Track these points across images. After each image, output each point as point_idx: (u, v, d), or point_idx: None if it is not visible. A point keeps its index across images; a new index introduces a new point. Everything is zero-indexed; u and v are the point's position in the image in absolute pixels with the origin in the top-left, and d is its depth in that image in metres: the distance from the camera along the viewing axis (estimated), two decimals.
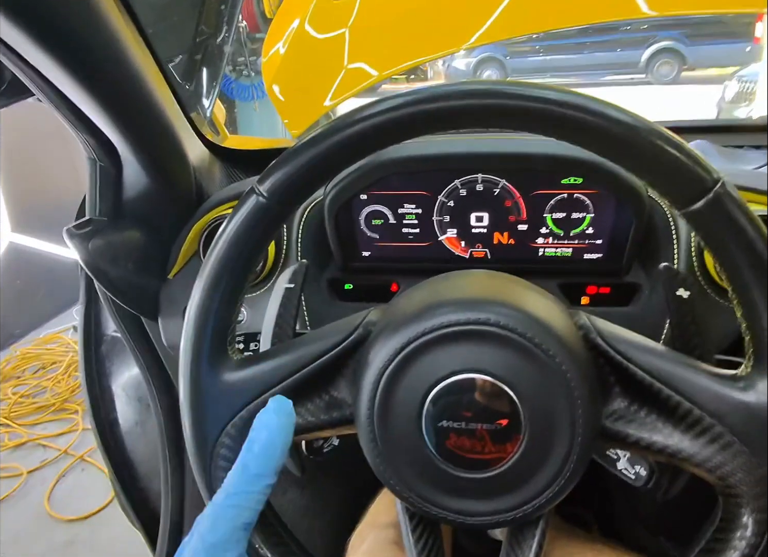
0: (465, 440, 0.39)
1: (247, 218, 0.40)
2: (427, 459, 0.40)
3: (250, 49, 3.89)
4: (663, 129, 0.36)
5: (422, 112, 0.37)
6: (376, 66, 1.04)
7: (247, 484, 0.37)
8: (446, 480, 0.40)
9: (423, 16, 1.02)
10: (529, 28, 1.04)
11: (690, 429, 0.38)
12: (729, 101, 4.95)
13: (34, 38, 0.46)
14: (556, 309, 0.42)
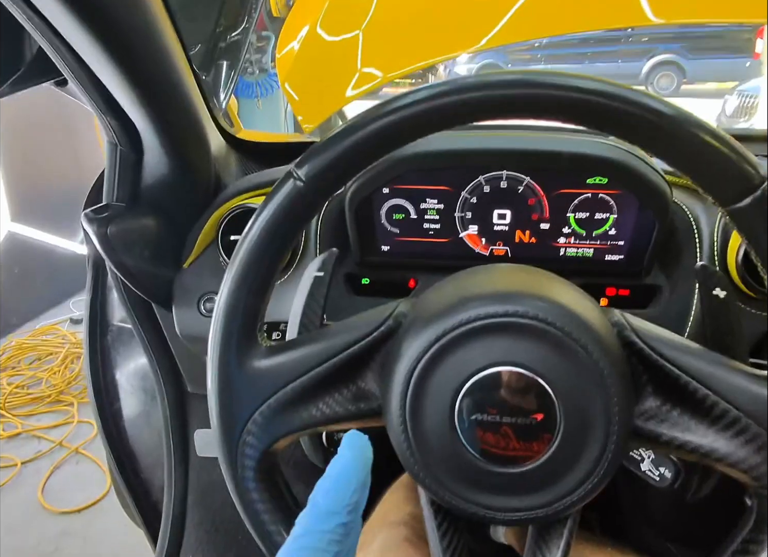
0: (497, 435, 0.39)
1: (284, 202, 0.40)
2: (459, 452, 0.39)
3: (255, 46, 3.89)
4: (709, 123, 0.35)
5: (465, 100, 0.37)
6: (386, 68, 1.04)
7: (318, 523, 0.33)
8: (479, 475, 0.39)
9: (435, 18, 1.02)
10: (538, 33, 1.04)
11: (726, 429, 0.38)
12: (729, 116, 4.99)
13: (74, 14, 0.46)
14: (591, 305, 0.42)
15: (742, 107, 4.82)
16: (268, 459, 0.43)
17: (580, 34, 8.25)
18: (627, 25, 0.96)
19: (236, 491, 0.43)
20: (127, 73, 0.54)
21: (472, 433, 0.39)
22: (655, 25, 0.88)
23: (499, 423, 0.38)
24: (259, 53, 3.93)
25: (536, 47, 9.13)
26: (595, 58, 8.98)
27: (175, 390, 0.93)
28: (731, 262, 0.63)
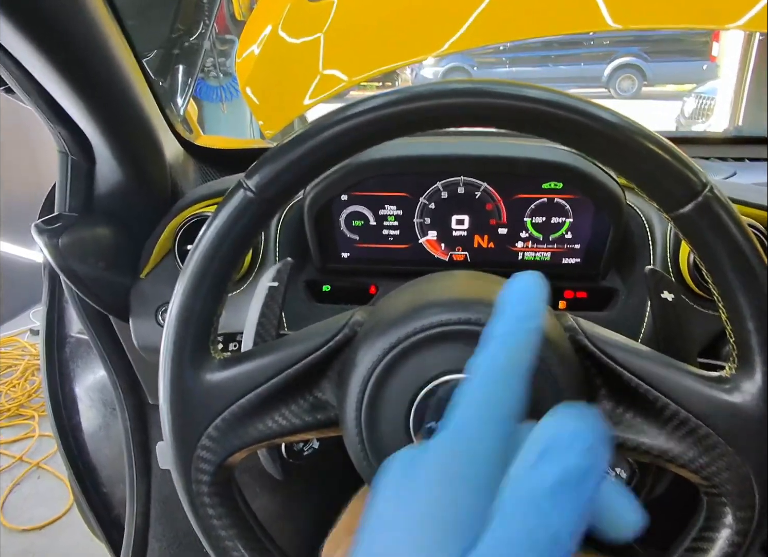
0: None
1: (234, 213, 0.39)
2: None
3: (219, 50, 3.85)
4: (652, 131, 0.36)
5: (416, 109, 0.37)
6: (350, 71, 1.04)
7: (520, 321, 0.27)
8: None
9: (397, 22, 1.02)
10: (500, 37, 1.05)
11: (676, 430, 0.39)
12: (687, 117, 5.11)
13: (13, 23, 0.45)
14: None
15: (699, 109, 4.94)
16: (223, 473, 0.42)
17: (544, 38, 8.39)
18: (586, 31, 0.98)
19: (191, 506, 0.42)
20: (72, 82, 0.52)
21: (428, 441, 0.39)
22: (614, 30, 0.90)
23: None
24: (223, 57, 3.90)
25: (501, 51, 9.25)
26: (559, 61, 9.14)
27: (135, 402, 0.91)
28: (683, 263, 0.64)
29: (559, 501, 0.22)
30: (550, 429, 0.24)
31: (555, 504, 0.22)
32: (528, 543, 0.22)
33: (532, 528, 0.22)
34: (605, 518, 0.26)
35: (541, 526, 0.22)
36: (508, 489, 0.23)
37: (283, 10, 1.09)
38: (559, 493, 0.22)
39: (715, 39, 5.43)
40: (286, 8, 1.09)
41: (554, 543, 0.22)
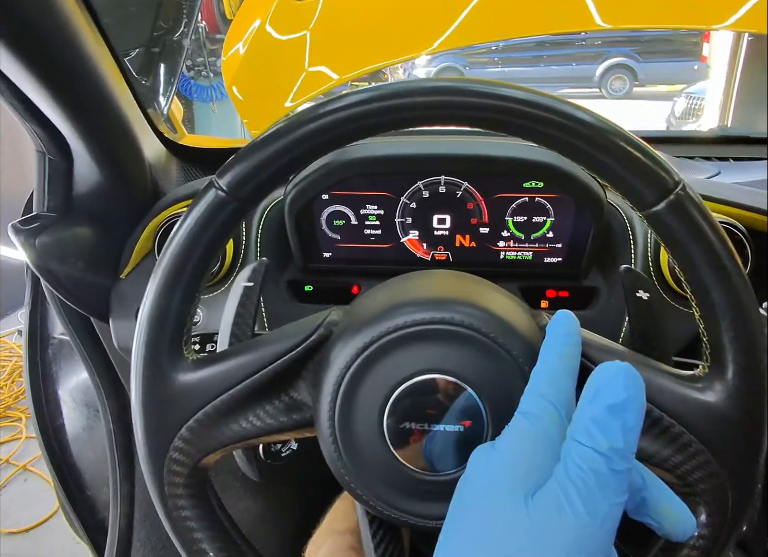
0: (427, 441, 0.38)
1: (205, 213, 0.39)
2: (389, 461, 0.39)
3: (210, 49, 3.84)
4: (625, 130, 0.36)
5: (389, 107, 0.37)
6: (338, 69, 1.04)
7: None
8: (409, 483, 0.39)
9: (385, 21, 1.02)
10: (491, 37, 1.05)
11: (650, 429, 0.39)
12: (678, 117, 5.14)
13: None
14: (519, 310, 0.42)
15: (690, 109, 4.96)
16: (198, 474, 0.42)
17: (536, 38, 8.41)
18: (576, 30, 0.98)
19: (164, 509, 0.42)
20: (45, 81, 0.52)
21: (401, 441, 0.38)
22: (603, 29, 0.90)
23: (428, 430, 0.38)
24: (213, 56, 3.88)
25: (493, 51, 9.28)
26: (551, 61, 9.17)
27: (118, 404, 0.90)
28: (664, 262, 0.64)
29: (611, 423, 0.28)
30: (598, 376, 0.31)
31: (609, 425, 0.28)
32: (588, 463, 0.28)
33: (593, 446, 0.28)
34: (665, 518, 0.32)
35: (599, 444, 0.28)
36: (573, 423, 0.30)
37: (270, 8, 1.08)
38: (611, 416, 0.29)
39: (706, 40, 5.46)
40: (273, 6, 1.09)
41: (610, 461, 0.28)
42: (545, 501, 0.28)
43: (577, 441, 0.29)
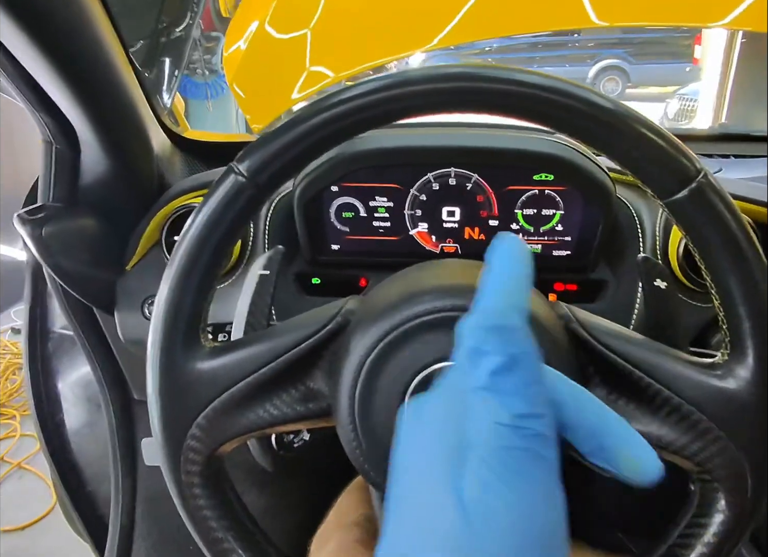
0: None
1: (225, 197, 0.38)
2: None
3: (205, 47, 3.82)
4: (647, 117, 0.36)
5: (411, 93, 0.37)
6: (337, 67, 1.04)
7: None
8: None
9: (385, 18, 1.02)
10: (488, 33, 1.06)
11: (669, 417, 0.39)
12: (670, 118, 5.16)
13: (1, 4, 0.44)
14: (538, 298, 0.42)
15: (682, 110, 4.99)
16: (214, 463, 0.42)
17: (529, 39, 8.44)
18: (571, 27, 0.99)
19: (181, 498, 0.42)
20: (60, 68, 0.51)
21: None
22: (599, 27, 0.90)
23: None
24: (208, 54, 3.86)
25: (487, 51, 9.30)
26: (544, 62, 9.20)
27: (121, 398, 0.89)
28: (672, 256, 0.64)
29: (503, 388, 0.26)
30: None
31: (502, 390, 0.26)
32: (500, 439, 0.25)
33: (498, 420, 0.25)
34: (624, 464, 0.29)
35: (500, 417, 0.25)
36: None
37: (271, 4, 1.08)
38: (500, 382, 0.26)
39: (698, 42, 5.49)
40: (272, 4, 1.09)
41: (518, 429, 0.25)
42: (473, 484, 0.25)
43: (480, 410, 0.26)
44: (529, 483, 0.25)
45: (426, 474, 0.26)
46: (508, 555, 0.23)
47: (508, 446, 0.25)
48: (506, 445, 0.25)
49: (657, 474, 0.29)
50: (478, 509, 0.24)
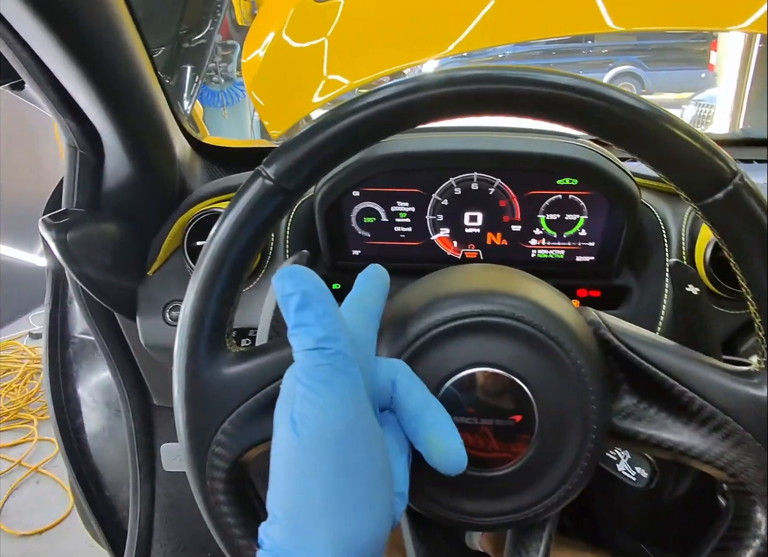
0: (475, 436, 0.38)
1: (252, 201, 0.38)
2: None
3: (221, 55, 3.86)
4: (681, 119, 0.35)
5: (436, 96, 0.36)
6: (354, 74, 1.04)
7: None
8: (455, 479, 0.38)
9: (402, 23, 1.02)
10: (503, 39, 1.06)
11: (702, 426, 0.38)
12: None
13: (32, 11, 0.44)
14: (566, 303, 0.41)
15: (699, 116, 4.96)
16: (238, 469, 0.41)
17: (543, 46, 8.43)
18: (587, 32, 0.98)
19: (205, 504, 0.41)
20: (88, 73, 0.52)
21: None
22: (615, 32, 0.89)
23: (478, 424, 0.37)
24: (225, 62, 3.90)
25: (500, 58, 9.29)
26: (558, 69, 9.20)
27: (141, 403, 0.90)
28: (699, 262, 0.63)
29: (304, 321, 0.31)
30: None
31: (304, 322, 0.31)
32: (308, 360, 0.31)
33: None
34: (433, 448, 0.34)
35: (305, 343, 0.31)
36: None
37: (288, 12, 1.09)
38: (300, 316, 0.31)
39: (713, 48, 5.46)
40: (291, 10, 1.09)
41: (318, 346, 0.31)
42: (297, 403, 0.31)
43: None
44: (334, 389, 0.30)
45: (278, 421, 0.32)
46: (328, 449, 0.30)
47: (315, 364, 0.31)
48: (313, 364, 0.31)
49: (459, 463, 0.34)
50: (300, 418, 0.30)
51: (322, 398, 0.30)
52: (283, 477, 0.31)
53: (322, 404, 0.30)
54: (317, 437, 0.30)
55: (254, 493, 0.43)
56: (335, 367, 0.31)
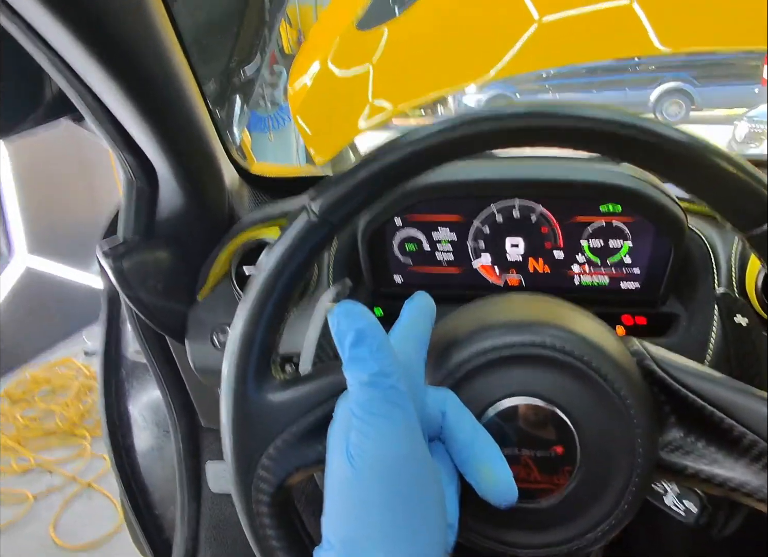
0: (518, 467, 0.38)
1: (298, 236, 0.40)
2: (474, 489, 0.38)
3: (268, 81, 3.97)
4: (725, 150, 0.35)
5: (480, 132, 0.37)
6: (398, 99, 1.06)
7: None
8: (497, 510, 0.38)
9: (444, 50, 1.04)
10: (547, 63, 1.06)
11: (754, 462, 0.37)
12: (739, 142, 5.00)
13: (91, 52, 0.47)
14: (609, 334, 0.41)
15: (752, 133, 4.83)
16: (282, 494, 0.42)
17: (588, 64, 8.36)
18: (634, 55, 0.97)
19: (250, 527, 0.42)
20: (143, 111, 0.55)
21: None
22: (662, 54, 0.88)
23: (519, 455, 0.38)
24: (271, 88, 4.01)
25: (544, 78, 9.26)
26: (603, 87, 9.08)
27: (189, 425, 0.92)
28: (750, 289, 0.62)
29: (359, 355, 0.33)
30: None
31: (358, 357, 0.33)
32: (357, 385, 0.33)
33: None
34: (484, 480, 0.35)
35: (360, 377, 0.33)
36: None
37: (333, 42, 1.12)
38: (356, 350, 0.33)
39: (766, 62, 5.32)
40: (337, 39, 1.12)
41: (372, 381, 0.32)
42: (352, 434, 0.33)
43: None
44: (389, 422, 0.32)
45: (332, 450, 0.35)
46: (384, 481, 0.31)
47: (370, 397, 0.32)
48: (368, 397, 0.32)
49: (511, 495, 0.35)
50: (356, 450, 0.32)
51: (377, 431, 0.32)
52: (338, 506, 0.33)
53: (377, 437, 0.32)
54: (373, 469, 0.31)
55: (298, 517, 0.44)
56: (389, 400, 0.32)
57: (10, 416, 2.50)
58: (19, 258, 2.95)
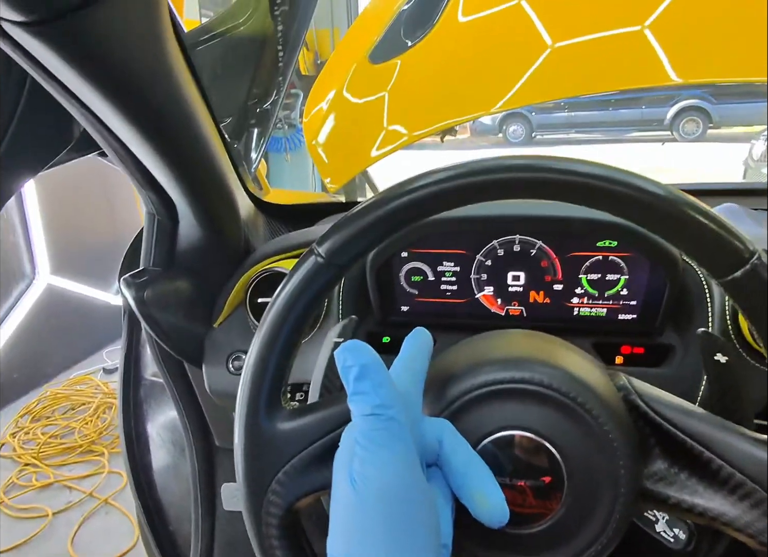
0: (508, 495, 0.40)
1: (305, 278, 0.43)
2: (469, 513, 0.41)
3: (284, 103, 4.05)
4: (698, 202, 0.38)
5: (479, 182, 0.41)
6: (413, 126, 1.09)
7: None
8: (487, 536, 0.41)
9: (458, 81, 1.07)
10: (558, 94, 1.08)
11: (732, 494, 0.39)
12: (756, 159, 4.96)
13: (120, 110, 0.51)
14: (596, 369, 0.44)
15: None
16: (290, 517, 0.45)
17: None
18: (649, 85, 0.98)
19: (260, 547, 0.45)
20: (163, 154, 0.59)
21: None
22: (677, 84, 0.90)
23: (509, 484, 0.40)
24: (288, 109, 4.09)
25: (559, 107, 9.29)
26: (619, 104, 9.09)
27: (204, 444, 0.95)
28: (743, 321, 0.64)
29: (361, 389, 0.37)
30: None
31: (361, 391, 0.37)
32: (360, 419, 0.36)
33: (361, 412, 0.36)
34: (478, 504, 0.37)
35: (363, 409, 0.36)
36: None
37: (348, 71, 1.16)
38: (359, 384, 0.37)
39: None
40: (351, 69, 1.16)
41: (375, 413, 0.36)
42: (356, 463, 0.35)
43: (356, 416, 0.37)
44: (391, 453, 0.35)
45: (338, 476, 0.37)
46: (384, 506, 0.34)
47: (372, 428, 0.35)
48: (370, 428, 0.35)
49: (502, 517, 0.37)
50: (359, 478, 0.34)
51: (378, 459, 0.35)
52: (342, 528, 0.35)
53: (378, 464, 0.34)
54: (375, 494, 0.34)
55: (305, 539, 0.47)
56: (390, 431, 0.35)
57: (31, 432, 2.55)
58: (42, 278, 3.02)
